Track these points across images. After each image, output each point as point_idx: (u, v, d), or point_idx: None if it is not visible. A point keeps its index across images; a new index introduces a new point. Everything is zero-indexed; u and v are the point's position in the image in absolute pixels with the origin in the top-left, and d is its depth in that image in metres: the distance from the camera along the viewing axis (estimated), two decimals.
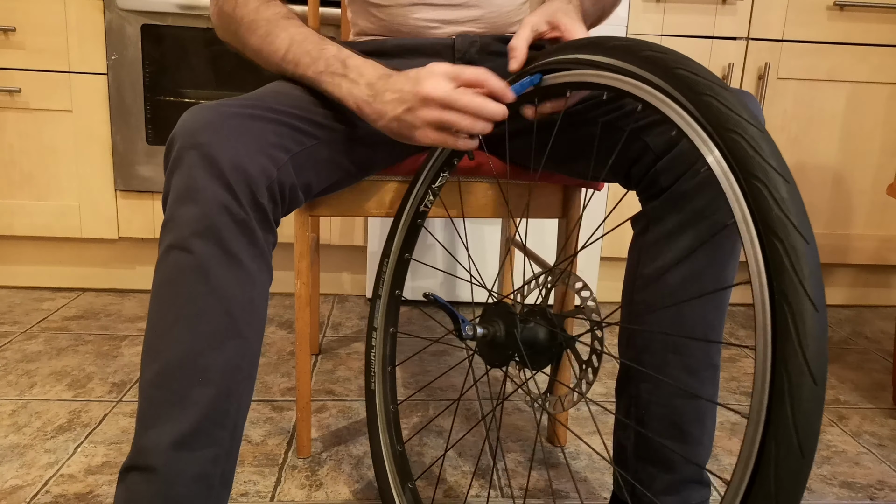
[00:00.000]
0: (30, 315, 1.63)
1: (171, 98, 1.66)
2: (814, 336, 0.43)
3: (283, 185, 0.70)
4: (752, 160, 0.48)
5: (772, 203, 0.46)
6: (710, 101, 0.51)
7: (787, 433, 0.43)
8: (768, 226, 0.46)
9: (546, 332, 0.70)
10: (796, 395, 0.43)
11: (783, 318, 0.44)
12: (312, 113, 0.77)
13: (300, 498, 0.97)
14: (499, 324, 0.72)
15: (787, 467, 0.43)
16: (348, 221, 1.80)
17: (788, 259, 0.44)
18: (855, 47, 1.74)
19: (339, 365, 1.43)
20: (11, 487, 0.96)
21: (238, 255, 0.65)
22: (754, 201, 0.47)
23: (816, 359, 0.43)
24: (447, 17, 0.93)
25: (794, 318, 0.43)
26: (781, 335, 0.44)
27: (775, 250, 0.45)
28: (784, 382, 0.43)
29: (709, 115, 0.51)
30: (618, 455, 0.79)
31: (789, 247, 0.45)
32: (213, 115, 0.67)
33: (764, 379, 0.45)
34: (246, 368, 0.68)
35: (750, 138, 0.49)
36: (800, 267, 0.44)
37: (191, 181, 0.64)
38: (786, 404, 0.43)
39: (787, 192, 0.46)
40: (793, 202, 0.46)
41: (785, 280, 0.44)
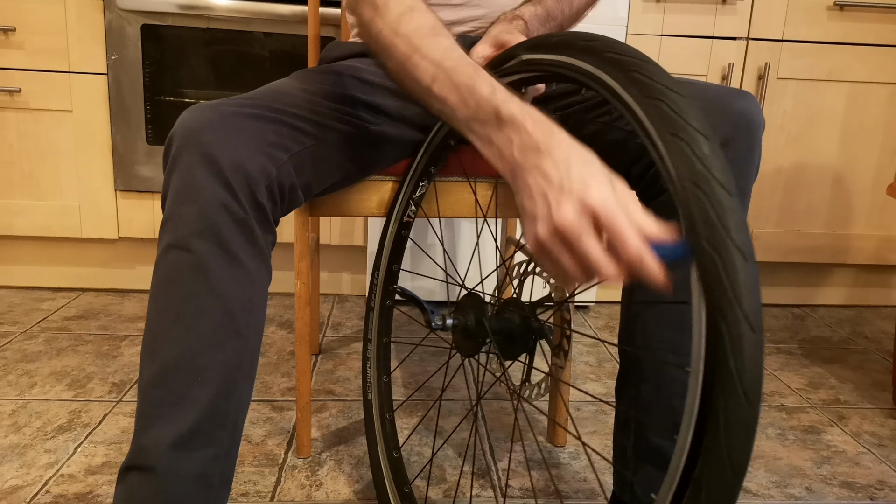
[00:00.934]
0: (30, 315, 1.63)
1: (170, 98, 1.66)
2: (746, 284, 0.43)
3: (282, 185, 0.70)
4: (673, 121, 0.48)
5: (694, 159, 0.46)
6: (636, 76, 0.52)
7: (732, 383, 0.42)
8: (692, 181, 0.46)
9: (517, 319, 0.70)
10: (737, 345, 0.43)
11: (714, 270, 0.44)
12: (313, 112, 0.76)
13: (300, 498, 0.97)
14: (469, 314, 0.72)
15: (736, 418, 0.42)
16: (348, 221, 1.80)
17: (714, 212, 0.44)
18: (855, 47, 1.74)
19: (339, 365, 1.43)
20: (11, 487, 0.96)
21: (237, 255, 0.65)
22: (677, 158, 0.47)
23: (751, 307, 0.43)
24: (449, 18, 0.93)
25: (727, 269, 0.43)
26: (715, 286, 0.44)
27: (700, 204, 0.45)
28: (724, 334, 0.43)
29: (632, 89, 0.52)
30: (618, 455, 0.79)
31: (714, 201, 0.44)
32: (213, 114, 0.67)
33: (700, 332, 0.45)
34: (245, 368, 0.68)
35: (671, 102, 0.49)
36: (725, 220, 0.44)
37: (190, 180, 0.64)
38: (728, 356, 0.43)
39: (709, 148, 0.46)
40: (715, 158, 0.46)
41: (713, 233, 0.44)
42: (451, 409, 1.25)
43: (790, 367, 1.52)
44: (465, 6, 0.93)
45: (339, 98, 0.83)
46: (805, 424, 1.25)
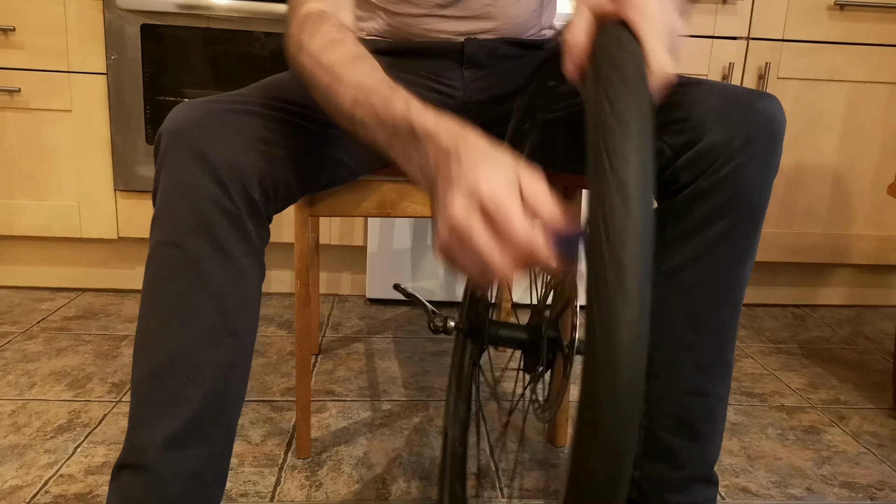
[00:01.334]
0: (29, 315, 1.63)
1: (170, 98, 1.66)
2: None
3: (276, 181, 0.69)
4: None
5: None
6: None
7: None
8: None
9: (523, 330, 0.69)
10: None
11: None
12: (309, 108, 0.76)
13: (300, 498, 0.97)
14: (475, 318, 0.71)
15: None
16: (348, 221, 1.80)
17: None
18: (855, 47, 1.74)
19: (339, 365, 1.42)
20: (11, 487, 0.96)
21: (230, 251, 0.64)
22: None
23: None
24: (460, 29, 0.91)
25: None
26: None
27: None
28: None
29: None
30: None
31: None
32: (202, 110, 0.66)
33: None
34: (239, 365, 0.68)
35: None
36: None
37: (180, 176, 0.63)
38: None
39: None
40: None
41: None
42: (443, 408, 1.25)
43: (790, 367, 1.52)
44: (476, 19, 0.91)
45: None
46: (805, 424, 1.25)
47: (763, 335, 1.71)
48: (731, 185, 0.67)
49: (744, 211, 0.67)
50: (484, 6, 0.90)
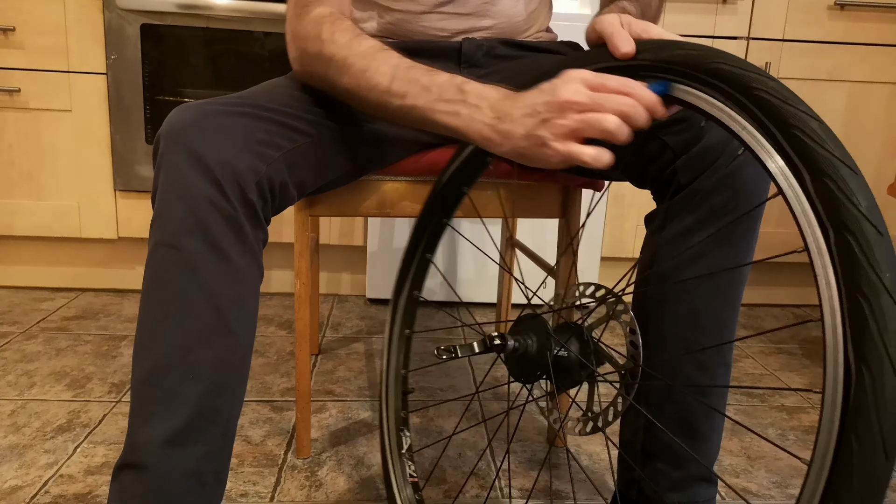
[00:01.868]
0: (29, 315, 1.63)
1: (170, 98, 1.66)
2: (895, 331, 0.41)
3: (272, 182, 0.69)
4: (817, 154, 0.46)
5: (842, 198, 0.44)
6: (761, 94, 0.49)
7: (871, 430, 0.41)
8: (840, 221, 0.44)
9: (576, 360, 0.67)
10: (879, 391, 0.41)
11: (860, 312, 0.42)
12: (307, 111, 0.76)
13: (300, 498, 0.96)
14: (532, 339, 0.68)
15: (870, 468, 0.41)
16: (348, 221, 1.80)
17: (863, 252, 0.43)
18: (855, 47, 1.74)
19: (339, 365, 1.42)
20: (11, 487, 0.96)
21: (226, 251, 0.65)
22: (822, 197, 0.45)
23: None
24: (458, 27, 0.92)
25: (874, 311, 0.41)
26: (858, 329, 0.42)
27: (848, 245, 0.43)
28: (864, 377, 0.41)
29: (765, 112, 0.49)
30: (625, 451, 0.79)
31: (863, 240, 0.43)
32: (199, 113, 0.67)
33: (836, 378, 0.43)
34: (237, 364, 0.68)
35: (811, 132, 0.46)
36: (875, 260, 0.42)
37: (178, 178, 0.64)
38: (868, 400, 0.41)
39: (856, 184, 0.44)
40: (863, 195, 0.44)
41: (860, 273, 0.42)
42: (451, 408, 1.25)
43: (790, 367, 1.52)
44: (473, 16, 0.92)
45: None
46: (805, 424, 1.25)
47: (763, 335, 1.71)
48: (730, 185, 0.67)
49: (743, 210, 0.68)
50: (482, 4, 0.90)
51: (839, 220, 0.44)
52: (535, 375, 0.68)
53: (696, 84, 0.55)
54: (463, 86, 0.65)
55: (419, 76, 0.68)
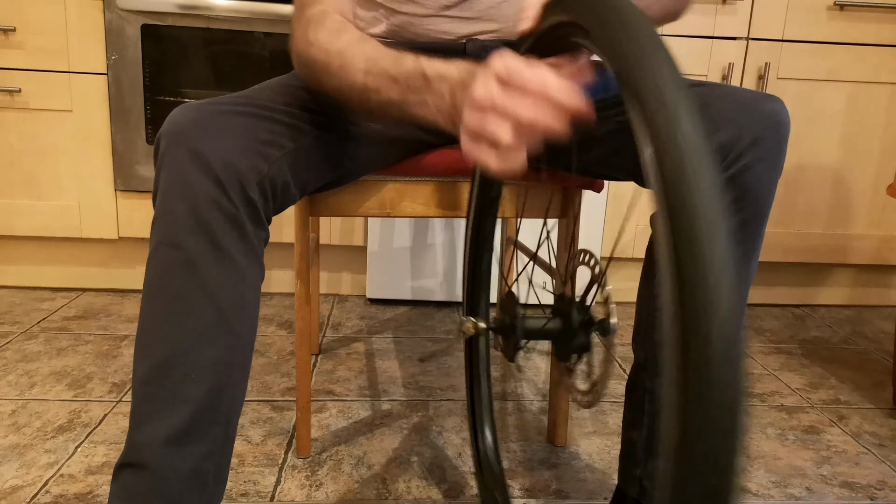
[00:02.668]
0: (30, 315, 1.63)
1: (171, 98, 1.66)
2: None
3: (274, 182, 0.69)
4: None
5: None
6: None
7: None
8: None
9: (558, 319, 0.68)
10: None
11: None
12: (309, 110, 0.76)
13: (300, 498, 0.97)
14: (507, 314, 0.71)
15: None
16: (348, 221, 1.80)
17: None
18: (855, 47, 1.74)
19: (339, 365, 1.43)
20: (11, 487, 0.96)
21: (228, 251, 0.65)
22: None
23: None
24: (463, 31, 0.92)
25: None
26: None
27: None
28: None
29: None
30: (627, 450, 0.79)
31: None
32: (201, 112, 0.67)
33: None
34: (238, 364, 0.68)
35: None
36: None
37: (179, 177, 0.64)
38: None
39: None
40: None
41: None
42: (451, 409, 1.25)
43: (790, 367, 1.52)
44: (479, 20, 0.92)
45: None
46: (805, 424, 1.25)
47: (763, 335, 1.72)
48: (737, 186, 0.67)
49: (750, 211, 0.68)
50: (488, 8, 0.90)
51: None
52: (517, 347, 0.70)
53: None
54: (425, 71, 0.62)
55: (388, 67, 0.65)
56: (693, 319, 0.36)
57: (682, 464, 0.36)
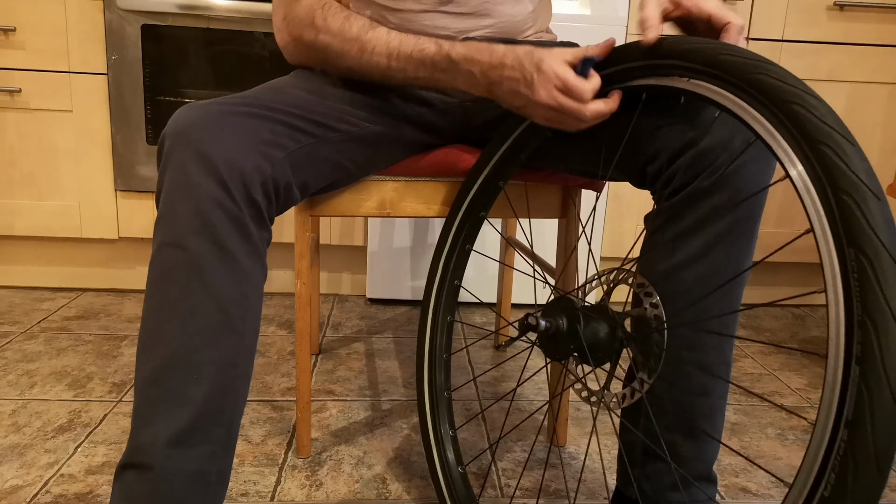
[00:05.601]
0: (30, 315, 1.63)
1: (171, 98, 1.66)
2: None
3: (277, 183, 0.70)
4: (842, 173, 0.47)
5: (860, 217, 0.46)
6: (798, 109, 0.51)
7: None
8: (853, 240, 0.46)
9: (606, 329, 0.69)
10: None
11: (867, 335, 0.44)
12: (311, 112, 0.76)
13: (300, 498, 0.97)
14: (562, 318, 0.71)
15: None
16: (348, 221, 1.80)
17: (875, 276, 0.44)
18: (855, 47, 1.74)
19: (339, 365, 1.43)
20: (11, 487, 0.96)
21: (232, 251, 0.65)
22: (841, 216, 0.47)
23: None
24: (459, 27, 0.92)
25: (878, 336, 0.43)
26: (867, 353, 0.44)
27: (862, 267, 0.45)
28: (864, 397, 0.43)
29: (796, 125, 0.51)
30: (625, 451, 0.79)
31: (877, 265, 0.44)
32: (205, 113, 0.67)
33: (833, 392, 0.45)
34: (241, 364, 0.68)
35: (840, 150, 0.48)
36: (888, 285, 0.44)
37: (183, 177, 0.64)
38: (866, 418, 0.43)
39: (877, 208, 0.46)
40: (883, 218, 0.46)
41: (870, 298, 0.44)
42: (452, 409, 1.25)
43: (790, 367, 1.52)
44: (474, 16, 0.92)
45: (339, 97, 0.83)
46: (805, 424, 1.25)
47: (763, 335, 1.72)
48: (730, 185, 0.67)
49: (743, 210, 0.68)
50: (482, 3, 0.91)
51: (837, 185, 0.47)
52: (567, 352, 0.71)
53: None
54: (451, 55, 0.75)
55: (411, 52, 0.77)
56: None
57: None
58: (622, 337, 0.69)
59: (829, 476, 0.45)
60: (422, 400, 0.93)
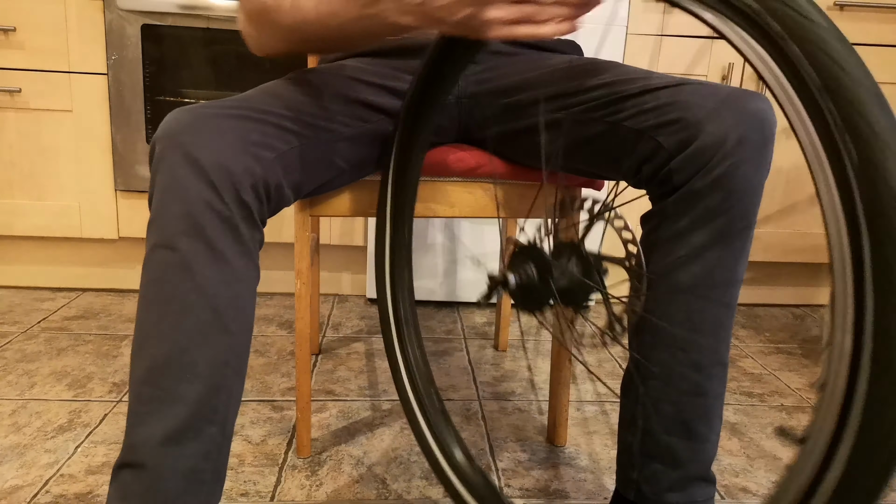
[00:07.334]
0: (30, 315, 1.63)
1: (171, 98, 1.66)
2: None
3: (268, 184, 0.70)
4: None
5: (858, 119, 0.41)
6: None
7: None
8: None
9: (578, 273, 0.66)
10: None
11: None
12: (303, 113, 0.77)
13: (300, 498, 0.97)
14: (531, 269, 0.68)
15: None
16: (348, 221, 1.80)
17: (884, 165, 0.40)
18: (855, 47, 1.74)
19: (339, 365, 1.43)
20: (11, 487, 0.96)
21: (223, 252, 0.66)
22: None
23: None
24: None
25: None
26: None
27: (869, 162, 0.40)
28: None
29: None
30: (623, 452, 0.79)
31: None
32: (194, 116, 0.68)
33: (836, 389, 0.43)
34: (234, 364, 0.68)
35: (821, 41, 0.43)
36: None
37: (174, 180, 0.65)
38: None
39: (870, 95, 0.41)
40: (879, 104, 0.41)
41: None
42: (451, 408, 1.25)
43: (790, 367, 1.52)
44: None
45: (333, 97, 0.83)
46: (805, 424, 1.25)
47: (763, 335, 1.72)
48: (724, 186, 0.67)
49: (737, 211, 0.68)
50: None
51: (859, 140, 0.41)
52: (543, 303, 0.68)
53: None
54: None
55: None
56: None
57: None
58: (596, 283, 0.66)
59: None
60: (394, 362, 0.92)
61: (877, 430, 0.41)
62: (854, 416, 0.42)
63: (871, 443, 0.41)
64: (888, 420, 0.40)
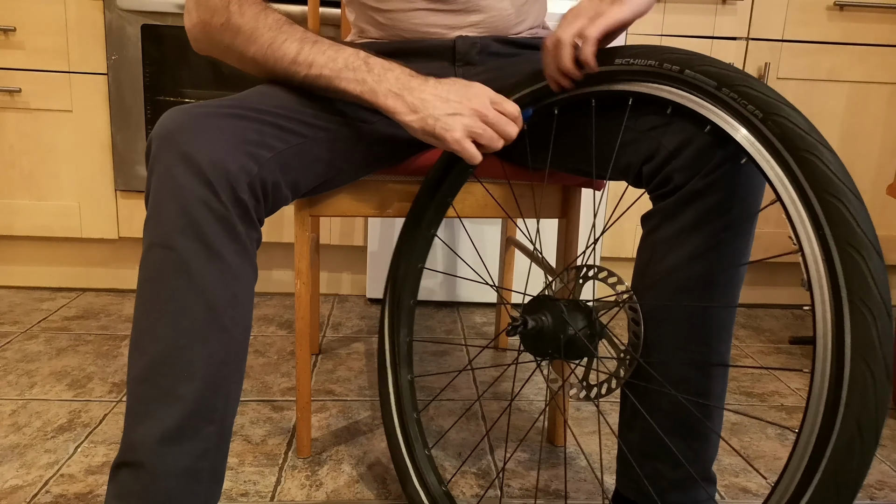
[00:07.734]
0: (30, 315, 1.63)
1: (171, 98, 1.66)
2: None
3: (265, 183, 0.70)
4: (828, 179, 0.55)
5: (849, 217, 0.53)
6: (783, 122, 0.58)
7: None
8: (844, 240, 0.53)
9: (584, 325, 0.72)
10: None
11: (855, 266, 0.51)
12: (300, 113, 0.77)
13: (300, 498, 0.97)
14: (547, 317, 0.74)
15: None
16: (348, 221, 1.80)
17: (868, 269, 0.50)
18: (855, 47, 1.74)
19: (339, 365, 1.43)
20: (11, 487, 0.96)
21: (219, 251, 0.66)
22: (827, 214, 0.56)
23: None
24: (448, 23, 0.92)
25: (868, 264, 0.50)
26: (853, 279, 0.51)
27: (854, 263, 0.51)
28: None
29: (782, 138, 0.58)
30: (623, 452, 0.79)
31: (869, 260, 0.51)
32: (190, 115, 0.68)
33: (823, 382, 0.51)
34: (232, 362, 0.68)
35: (824, 157, 0.55)
36: (878, 277, 0.50)
37: (169, 179, 0.65)
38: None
39: (859, 208, 0.53)
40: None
41: (862, 287, 0.50)
42: (451, 408, 1.25)
43: (790, 366, 1.52)
44: (462, 11, 0.93)
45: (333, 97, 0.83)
46: None
47: (763, 335, 1.72)
48: (725, 186, 0.67)
49: (738, 211, 0.68)
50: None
51: (822, 188, 0.56)
52: (547, 352, 0.74)
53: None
54: (367, 59, 0.75)
55: (325, 48, 0.76)
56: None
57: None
58: (599, 329, 0.72)
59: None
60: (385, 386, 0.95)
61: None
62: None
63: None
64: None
